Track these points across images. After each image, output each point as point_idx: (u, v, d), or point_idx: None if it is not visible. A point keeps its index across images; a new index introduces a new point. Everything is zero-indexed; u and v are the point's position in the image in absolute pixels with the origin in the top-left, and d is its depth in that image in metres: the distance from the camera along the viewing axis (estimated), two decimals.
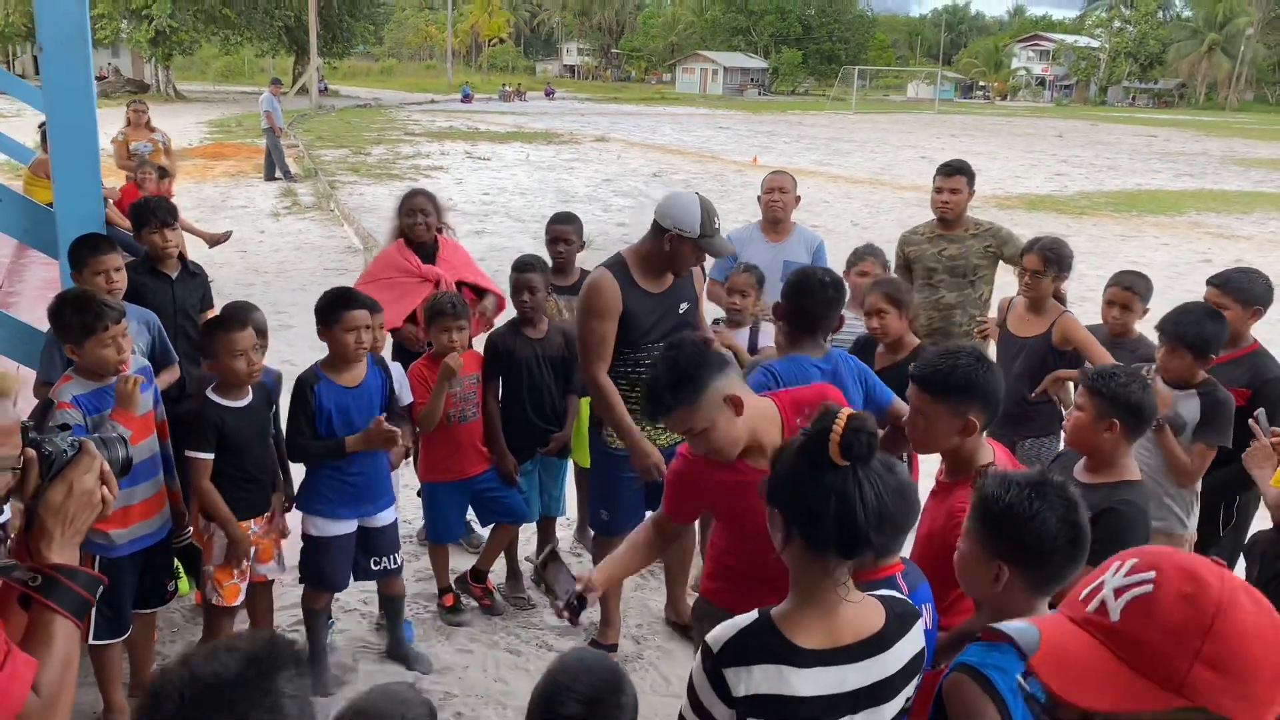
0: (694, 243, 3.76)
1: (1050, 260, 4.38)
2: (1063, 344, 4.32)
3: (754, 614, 1.87)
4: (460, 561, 4.77)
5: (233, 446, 3.54)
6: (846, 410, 1.82)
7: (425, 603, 4.57)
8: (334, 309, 3.68)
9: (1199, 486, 3.73)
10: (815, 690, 1.80)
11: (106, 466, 1.78)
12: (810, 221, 5.04)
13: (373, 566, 3.96)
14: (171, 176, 10.72)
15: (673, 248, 3.79)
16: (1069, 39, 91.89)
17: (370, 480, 3.85)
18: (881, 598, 1.93)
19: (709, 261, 4.31)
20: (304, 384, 3.72)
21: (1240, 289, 3.87)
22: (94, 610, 1.85)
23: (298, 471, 3.96)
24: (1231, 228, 16.74)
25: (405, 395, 4.19)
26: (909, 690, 1.92)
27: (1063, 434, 3.35)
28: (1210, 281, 3.95)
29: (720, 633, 1.85)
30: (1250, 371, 3.83)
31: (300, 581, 3.95)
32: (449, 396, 4.23)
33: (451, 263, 4.98)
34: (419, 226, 4.89)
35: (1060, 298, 4.52)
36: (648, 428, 3.86)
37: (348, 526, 3.84)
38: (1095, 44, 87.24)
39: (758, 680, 1.79)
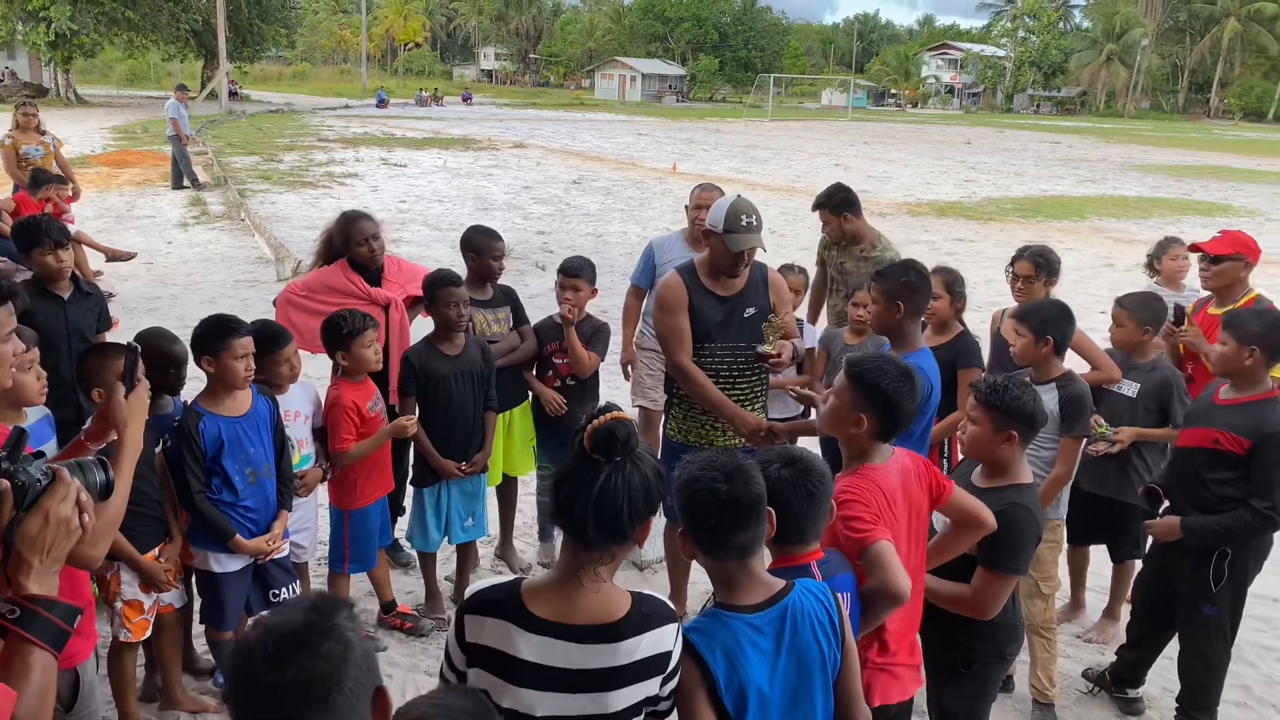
0: (720, 237, 3.96)
1: (1041, 266, 4.56)
2: None
3: (510, 577, 2.07)
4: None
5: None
6: (617, 413, 1.96)
7: None
8: (221, 336, 3.52)
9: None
10: (537, 657, 1.94)
11: (84, 494, 1.76)
12: None
13: (270, 599, 3.82)
14: (72, 185, 10.30)
15: (710, 244, 4.04)
16: (976, 48, 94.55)
17: (268, 513, 3.73)
18: (638, 595, 2.04)
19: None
20: (185, 427, 3.53)
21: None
22: None
23: None
24: (1131, 232, 17.36)
25: (317, 419, 4.11)
26: (649, 688, 2.00)
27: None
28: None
29: (477, 585, 2.06)
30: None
31: (201, 621, 3.86)
32: (370, 421, 4.16)
33: (398, 282, 4.77)
34: (376, 253, 4.65)
35: None
36: (719, 429, 4.13)
37: (246, 560, 3.72)
38: (1001, 53, 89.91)
39: (488, 632, 1.96)
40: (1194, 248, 4.75)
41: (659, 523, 5.00)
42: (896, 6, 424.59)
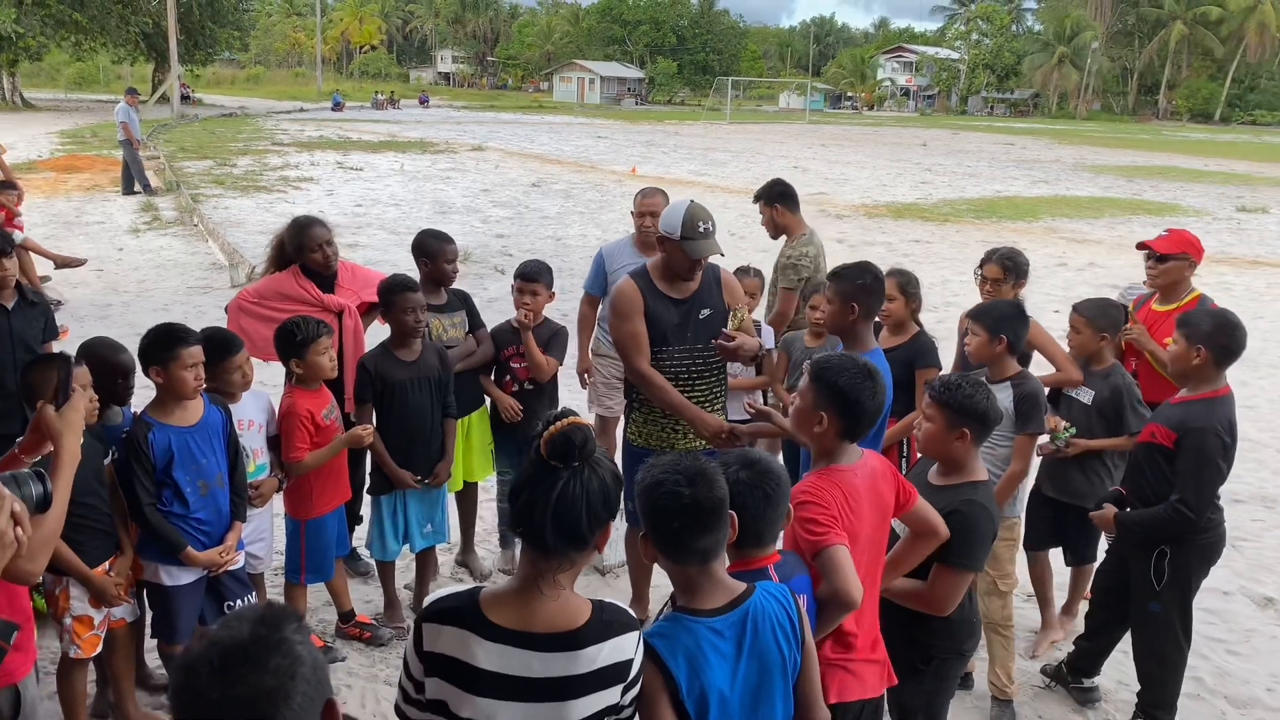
0: (677, 244, 3.93)
1: (1009, 269, 4.62)
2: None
3: (470, 585, 2.05)
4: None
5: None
6: (574, 419, 1.94)
7: None
8: (169, 346, 3.44)
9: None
10: (496, 666, 1.91)
11: (18, 506, 1.72)
12: None
13: (225, 612, 3.74)
14: (15, 189, 10.04)
15: (666, 250, 4.01)
16: (931, 51, 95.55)
17: (221, 525, 3.66)
18: (599, 603, 2.01)
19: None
20: (134, 439, 3.46)
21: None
22: None
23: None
24: (1084, 232, 17.63)
25: (271, 428, 4.05)
26: (610, 696, 1.97)
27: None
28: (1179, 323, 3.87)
29: (436, 594, 2.03)
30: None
31: (152, 635, 3.79)
32: (325, 429, 4.11)
33: (352, 288, 4.72)
34: (330, 259, 4.60)
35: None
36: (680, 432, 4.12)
37: (199, 572, 3.64)
38: (955, 56, 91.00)
39: (446, 640, 1.94)
40: (1142, 245, 4.82)
41: (620, 527, 5.03)
42: (852, 9, 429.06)
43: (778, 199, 5.62)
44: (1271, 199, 23.85)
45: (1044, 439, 4.29)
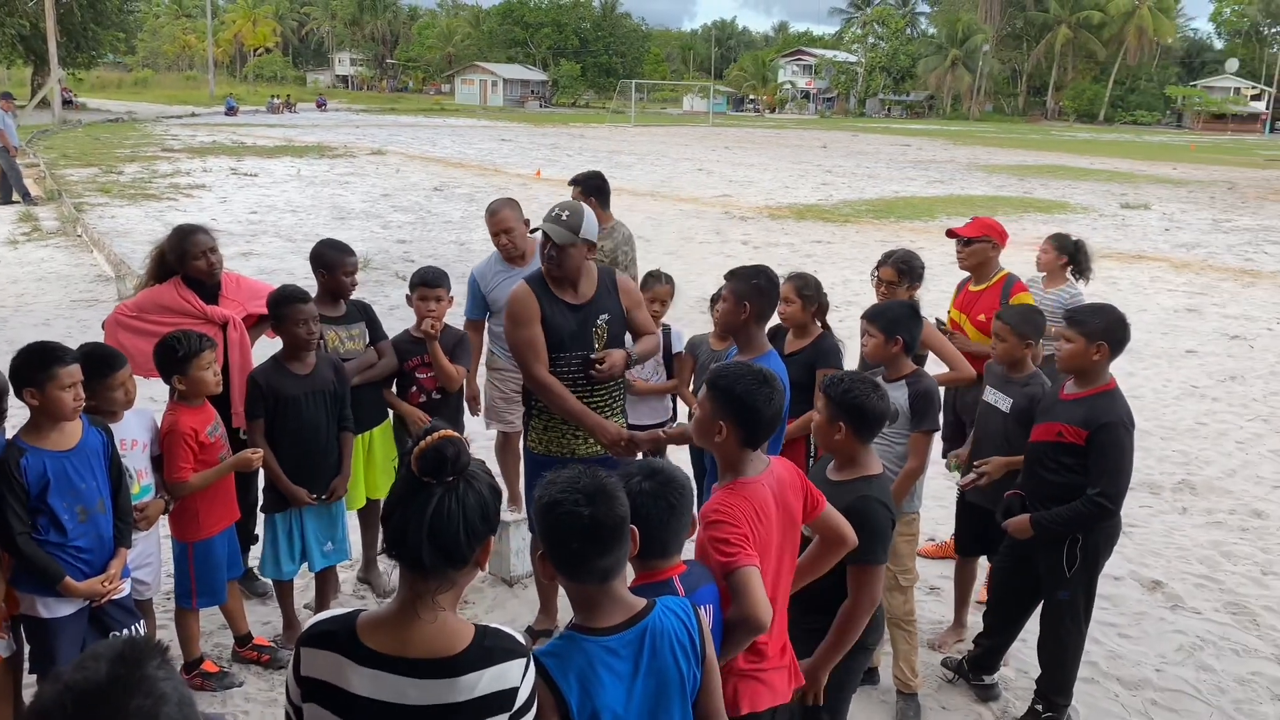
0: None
1: (904, 272, 4.69)
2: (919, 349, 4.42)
3: (350, 609, 1.97)
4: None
5: None
6: (444, 432, 1.85)
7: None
8: (44, 365, 3.26)
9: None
10: (370, 692, 1.83)
11: None
12: None
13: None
14: None
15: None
16: (829, 54, 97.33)
17: (103, 552, 3.48)
18: (482, 628, 1.92)
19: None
20: (4, 465, 3.25)
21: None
22: None
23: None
24: None
25: (155, 447, 3.87)
26: None
27: None
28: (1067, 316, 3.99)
29: (317, 617, 1.97)
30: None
31: (31, 672, 3.58)
32: (209, 447, 3.94)
33: (237, 299, 4.55)
34: (214, 266, 4.43)
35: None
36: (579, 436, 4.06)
37: (80, 603, 3.46)
38: (853, 59, 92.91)
39: (321, 665, 1.87)
40: (950, 233, 5.21)
41: (526, 537, 4.95)
42: (752, 13, 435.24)
43: (593, 192, 5.70)
44: (1153, 195, 24.96)
45: (961, 475, 4.41)
